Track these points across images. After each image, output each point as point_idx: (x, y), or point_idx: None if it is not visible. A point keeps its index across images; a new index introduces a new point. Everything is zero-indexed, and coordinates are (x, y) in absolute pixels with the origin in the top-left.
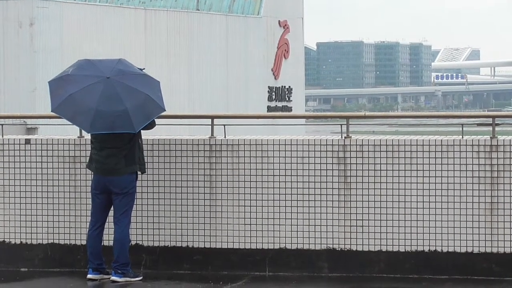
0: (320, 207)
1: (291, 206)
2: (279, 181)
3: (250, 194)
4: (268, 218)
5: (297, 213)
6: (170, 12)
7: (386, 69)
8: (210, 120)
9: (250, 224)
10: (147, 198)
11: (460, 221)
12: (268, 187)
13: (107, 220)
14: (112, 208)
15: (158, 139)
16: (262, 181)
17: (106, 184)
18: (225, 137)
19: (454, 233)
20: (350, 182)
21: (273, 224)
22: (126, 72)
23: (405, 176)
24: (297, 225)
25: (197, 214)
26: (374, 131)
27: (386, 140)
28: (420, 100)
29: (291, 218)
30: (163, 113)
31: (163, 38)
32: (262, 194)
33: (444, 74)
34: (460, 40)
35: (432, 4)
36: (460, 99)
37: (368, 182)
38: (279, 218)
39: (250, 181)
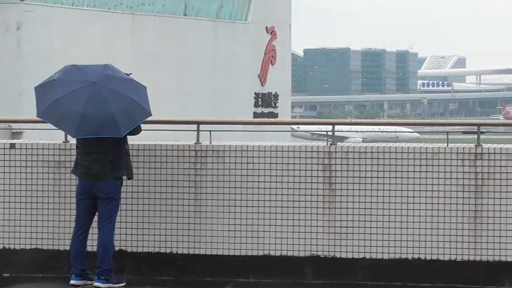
0: (305, 213)
1: (276, 213)
2: (264, 188)
3: (235, 200)
4: (252, 225)
5: (282, 219)
6: (157, 17)
7: (373, 76)
8: (196, 125)
9: (235, 231)
10: (132, 204)
11: (444, 228)
12: (253, 194)
13: (91, 226)
14: (96, 214)
15: (144, 145)
16: (247, 188)
17: (91, 189)
18: (210, 143)
19: (438, 241)
20: (335, 189)
21: (257, 231)
22: (113, 77)
23: (389, 184)
24: (281, 231)
25: (182, 220)
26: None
27: (372, 147)
28: (406, 107)
29: (276, 225)
30: (149, 118)
31: (150, 43)
32: (247, 200)
33: (430, 82)
34: (446, 48)
35: (419, 12)
36: (446, 107)
37: (353, 189)
38: (264, 225)
39: (235, 187)
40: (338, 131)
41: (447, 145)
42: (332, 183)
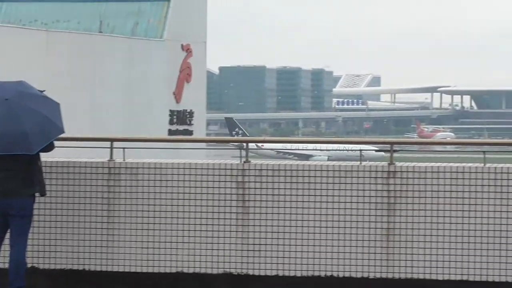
0: (218, 231)
1: (190, 230)
2: (178, 205)
3: (149, 217)
4: (165, 242)
5: (195, 237)
6: (72, 34)
7: (288, 94)
8: (109, 143)
9: (148, 248)
10: (45, 221)
11: (357, 246)
12: (166, 211)
13: (3, 243)
14: (8, 231)
15: (57, 161)
16: (160, 205)
17: (3, 206)
18: (124, 160)
19: (350, 258)
20: (249, 207)
21: (171, 248)
22: (26, 94)
23: (303, 201)
24: (194, 248)
25: (95, 237)
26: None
27: (285, 165)
28: (321, 125)
29: (189, 242)
30: (63, 135)
31: (65, 60)
32: (160, 217)
33: (345, 100)
34: (361, 66)
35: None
36: (361, 125)
37: (267, 207)
38: (177, 242)
39: (149, 205)
40: (302, 149)
41: (360, 163)
42: (246, 201)
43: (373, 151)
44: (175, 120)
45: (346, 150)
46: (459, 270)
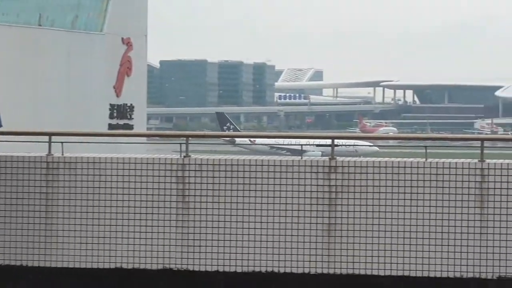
0: (158, 226)
1: (129, 225)
2: (117, 200)
3: (87, 212)
4: (104, 237)
5: (135, 232)
6: (12, 27)
7: (230, 88)
8: (47, 137)
9: (86, 243)
10: None
11: (298, 242)
12: (105, 206)
13: None
14: None
15: None
16: (99, 200)
17: None
18: (62, 154)
19: (291, 254)
20: (189, 202)
21: (109, 243)
22: None
23: (243, 196)
24: (133, 244)
25: (32, 232)
26: (216, 150)
27: (226, 159)
28: (262, 119)
29: (128, 237)
30: (0, 130)
31: (3, 53)
32: (99, 212)
33: (287, 94)
34: (303, 60)
35: (277, 25)
36: (303, 120)
37: (207, 202)
38: (116, 237)
39: (87, 200)
40: (295, 144)
41: (301, 158)
42: (186, 195)
43: (367, 146)
44: (115, 114)
45: (342, 145)
46: (400, 266)
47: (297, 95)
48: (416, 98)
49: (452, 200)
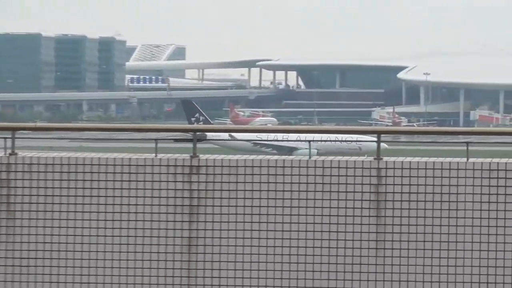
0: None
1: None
2: None
3: None
4: None
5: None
6: None
7: (69, 68)
8: None
9: None
10: None
11: (151, 260)
12: None
13: None
14: None
15: None
16: None
17: None
18: None
19: (142, 275)
20: (15, 211)
21: None
22: None
23: (83, 204)
24: None
25: None
26: (51, 146)
27: (62, 158)
28: (110, 108)
29: None
30: None
31: None
32: None
33: (141, 77)
34: (162, 35)
35: None
36: (161, 108)
37: (37, 211)
38: None
39: None
40: (284, 140)
41: (156, 155)
42: (11, 203)
43: (370, 142)
44: None
45: (337, 141)
46: (278, 281)
47: (154, 77)
48: (300, 82)
49: (342, 207)
